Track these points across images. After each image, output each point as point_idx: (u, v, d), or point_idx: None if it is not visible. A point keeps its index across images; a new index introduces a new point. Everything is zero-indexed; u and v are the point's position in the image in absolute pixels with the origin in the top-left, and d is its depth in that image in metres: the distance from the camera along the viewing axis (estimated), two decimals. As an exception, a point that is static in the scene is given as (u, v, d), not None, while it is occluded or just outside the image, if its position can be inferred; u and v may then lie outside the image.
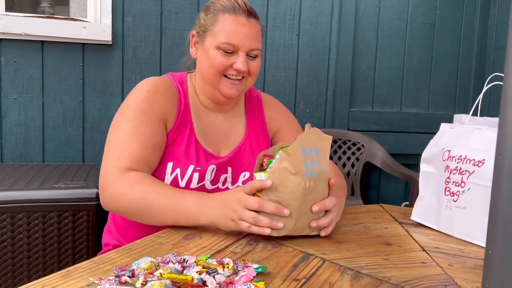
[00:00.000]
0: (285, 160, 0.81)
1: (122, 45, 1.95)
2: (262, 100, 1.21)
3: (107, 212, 1.10)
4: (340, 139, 2.26)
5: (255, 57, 1.06)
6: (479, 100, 0.95)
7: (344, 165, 2.25)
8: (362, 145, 2.26)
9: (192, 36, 1.09)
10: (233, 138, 1.13)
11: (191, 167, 1.01)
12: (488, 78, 0.94)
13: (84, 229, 1.47)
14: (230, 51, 1.02)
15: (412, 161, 2.20)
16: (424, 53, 2.41)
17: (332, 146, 2.24)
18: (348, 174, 2.25)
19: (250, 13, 1.04)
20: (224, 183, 1.07)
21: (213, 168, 1.05)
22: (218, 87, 1.05)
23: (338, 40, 2.26)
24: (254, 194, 0.84)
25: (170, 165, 1.01)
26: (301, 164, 0.81)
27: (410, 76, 2.40)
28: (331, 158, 2.24)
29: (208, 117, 1.11)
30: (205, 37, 1.04)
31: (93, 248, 1.48)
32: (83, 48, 1.90)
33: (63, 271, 0.65)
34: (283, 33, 2.18)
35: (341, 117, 2.31)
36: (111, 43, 1.91)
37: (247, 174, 1.09)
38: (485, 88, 0.94)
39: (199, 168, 1.02)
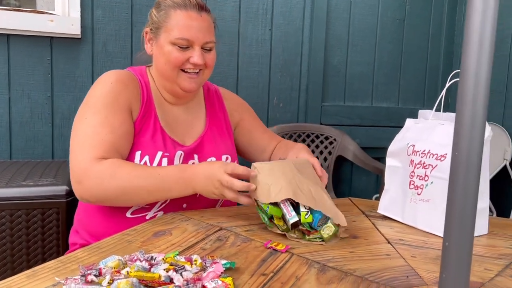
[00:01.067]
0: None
1: (91, 39, 1.91)
2: (221, 94, 1.28)
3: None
4: (312, 133, 2.29)
5: (210, 49, 1.09)
6: (442, 96, 0.98)
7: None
8: (334, 139, 2.29)
9: (146, 33, 1.12)
10: (195, 128, 1.17)
11: (159, 153, 1.04)
12: (450, 75, 0.97)
13: (54, 227, 1.45)
14: (185, 46, 1.05)
15: (382, 154, 2.23)
16: (394, 48, 2.46)
17: (305, 141, 2.27)
18: (320, 167, 2.28)
19: (201, 7, 1.07)
20: None
21: (181, 154, 1.08)
22: (177, 81, 1.08)
23: (310, 35, 2.28)
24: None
25: (138, 153, 1.03)
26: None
27: (381, 71, 2.45)
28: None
29: (171, 109, 1.15)
30: (158, 33, 1.07)
31: (63, 246, 1.46)
32: (51, 42, 1.85)
33: (28, 271, 0.64)
34: (256, 28, 2.19)
35: (313, 111, 2.33)
36: (80, 36, 1.87)
37: (213, 158, 1.14)
38: (447, 85, 0.97)
39: (167, 154, 1.05)
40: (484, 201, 0.92)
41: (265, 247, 0.79)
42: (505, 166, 2.14)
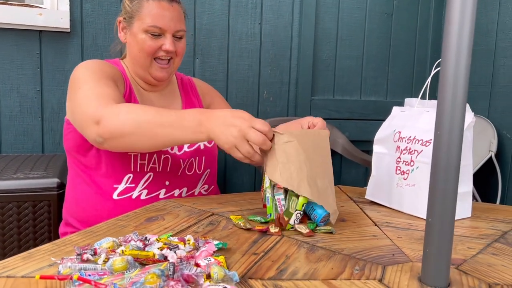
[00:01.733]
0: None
1: (81, 33, 1.90)
2: (194, 82, 1.36)
3: (68, 201, 1.11)
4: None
5: (181, 37, 1.16)
6: (427, 84, 1.01)
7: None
8: (324, 132, 2.31)
9: (119, 22, 1.18)
10: None
11: None
12: (435, 64, 0.99)
13: (45, 220, 1.45)
14: (157, 34, 1.11)
15: (371, 147, 2.27)
16: (382, 42, 2.49)
17: (295, 134, 2.29)
18: (310, 160, 2.30)
19: None
20: (172, 148, 1.15)
21: None
22: (149, 70, 1.14)
23: (299, 29, 2.30)
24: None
25: None
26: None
27: (369, 64, 2.48)
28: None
29: (147, 95, 1.21)
30: (132, 22, 1.13)
31: (55, 238, 1.45)
32: (40, 35, 1.85)
33: (24, 253, 0.65)
34: (246, 22, 2.20)
35: (303, 105, 2.35)
36: (69, 30, 1.87)
37: None
38: (432, 73, 1.00)
39: None
40: (467, 186, 0.95)
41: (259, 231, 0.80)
42: (490, 158, 2.19)
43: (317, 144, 0.89)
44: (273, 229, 0.79)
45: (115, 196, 1.06)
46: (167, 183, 1.10)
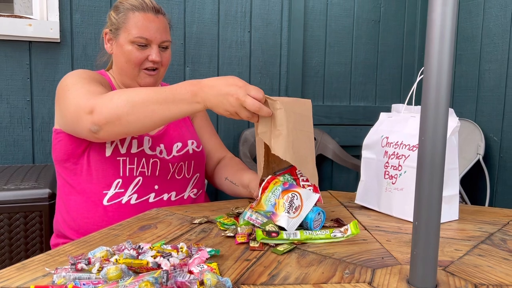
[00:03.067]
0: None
1: (71, 43, 1.91)
2: None
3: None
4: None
5: (166, 48, 1.18)
6: (413, 90, 1.03)
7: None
8: (314, 138, 2.33)
9: (105, 34, 1.20)
10: None
11: (128, 138, 1.10)
12: (420, 70, 1.02)
13: (37, 231, 1.45)
14: (143, 44, 1.13)
15: (361, 152, 2.30)
16: (370, 48, 2.53)
17: (286, 140, 2.31)
18: (301, 166, 2.32)
19: (157, 10, 1.16)
20: (160, 153, 1.16)
21: (149, 139, 1.15)
22: (137, 79, 1.16)
23: (288, 37, 2.33)
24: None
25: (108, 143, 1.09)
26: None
27: (358, 70, 2.51)
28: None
29: None
30: (118, 34, 1.15)
31: (47, 249, 1.46)
32: (30, 46, 1.85)
33: (18, 264, 0.66)
34: (235, 30, 2.22)
35: (293, 111, 2.37)
36: (59, 40, 1.87)
37: (179, 144, 1.21)
38: (418, 79, 1.02)
39: (136, 137, 1.11)
40: (454, 189, 0.98)
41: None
42: (478, 160, 2.23)
43: (302, 113, 0.94)
44: (253, 244, 0.77)
45: (105, 202, 1.07)
46: (156, 187, 1.12)
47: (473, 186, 2.34)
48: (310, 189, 0.90)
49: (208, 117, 1.43)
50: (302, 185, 0.93)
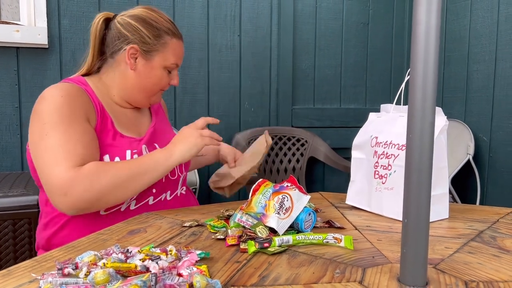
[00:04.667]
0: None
1: (59, 49, 1.90)
2: None
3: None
4: (284, 136, 2.34)
5: None
6: (402, 89, 1.03)
7: (289, 160, 2.33)
8: (306, 141, 2.34)
9: (131, 48, 1.10)
10: (144, 122, 1.23)
11: (128, 152, 1.07)
12: (408, 70, 1.03)
13: (26, 238, 1.43)
14: (171, 70, 1.17)
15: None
16: (359, 51, 2.54)
17: (277, 143, 2.31)
18: (293, 169, 2.33)
19: (182, 37, 1.19)
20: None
21: (145, 148, 1.13)
22: (151, 99, 1.19)
23: (278, 40, 2.33)
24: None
25: (106, 157, 1.04)
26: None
27: (348, 73, 2.52)
28: (276, 155, 2.30)
29: (122, 111, 1.19)
30: (152, 55, 1.12)
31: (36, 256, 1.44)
32: (17, 52, 1.84)
33: (3, 270, 0.65)
34: (225, 34, 2.22)
35: (284, 115, 2.38)
36: (47, 46, 1.86)
37: None
38: (405, 79, 1.02)
39: (136, 151, 1.09)
40: (444, 187, 0.98)
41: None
42: (468, 161, 2.24)
43: (255, 151, 1.32)
44: (243, 246, 0.76)
45: (102, 212, 1.03)
46: (154, 190, 1.10)
47: (463, 186, 2.35)
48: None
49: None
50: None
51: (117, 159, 1.04)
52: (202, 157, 1.44)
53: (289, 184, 0.92)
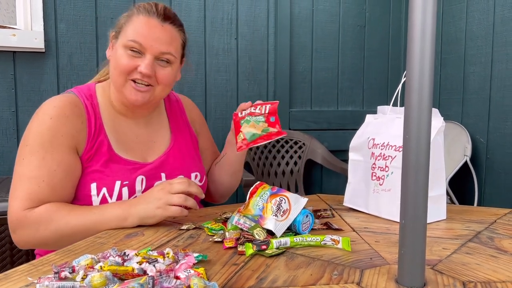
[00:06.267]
0: None
1: (56, 53, 1.90)
2: (182, 104, 1.23)
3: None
4: (282, 139, 2.34)
5: (167, 62, 1.02)
6: (398, 91, 1.04)
7: (287, 163, 2.33)
8: (303, 144, 2.35)
9: (111, 37, 1.06)
10: (159, 142, 1.11)
11: (118, 183, 0.99)
12: (405, 72, 1.03)
13: (23, 242, 1.42)
14: (137, 51, 0.98)
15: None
16: (356, 53, 2.55)
17: (275, 146, 2.31)
18: (291, 171, 2.32)
19: (167, 18, 1.01)
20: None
21: (142, 179, 1.03)
22: (122, 90, 1.00)
23: (275, 43, 2.34)
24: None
25: (93, 186, 0.98)
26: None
27: (345, 75, 2.53)
28: (274, 158, 2.30)
29: (128, 125, 1.07)
30: (118, 37, 1.02)
31: (34, 261, 1.43)
32: (14, 56, 1.84)
33: (0, 275, 0.64)
34: (222, 37, 2.23)
35: (282, 117, 2.38)
36: (44, 50, 1.86)
37: (182, 176, 1.08)
38: (402, 80, 1.03)
39: (127, 182, 1.00)
40: (441, 188, 0.98)
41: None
42: (466, 162, 2.25)
43: None
44: (241, 248, 0.76)
45: None
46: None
47: (461, 187, 2.36)
48: (296, 195, 0.89)
49: (208, 130, 1.31)
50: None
51: (104, 190, 0.98)
52: (224, 160, 1.20)
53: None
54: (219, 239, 0.81)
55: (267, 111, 1.05)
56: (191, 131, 1.20)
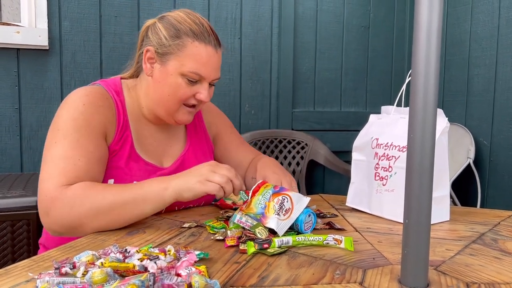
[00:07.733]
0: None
1: (60, 50, 1.90)
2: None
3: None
4: (284, 139, 2.33)
5: (213, 84, 1.04)
6: (402, 91, 1.03)
7: (289, 164, 2.32)
8: (306, 144, 2.34)
9: (147, 51, 1.00)
10: (174, 147, 1.11)
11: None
12: (409, 72, 1.02)
13: (24, 239, 1.42)
14: (195, 80, 0.98)
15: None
16: (360, 54, 2.54)
17: (277, 146, 2.31)
18: (293, 172, 2.32)
19: (219, 43, 1.01)
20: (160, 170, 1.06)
21: None
22: (174, 114, 1.01)
23: (279, 43, 2.33)
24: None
25: (111, 182, 0.97)
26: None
27: (348, 76, 2.52)
28: (277, 158, 2.30)
29: (149, 129, 1.08)
30: (167, 59, 0.97)
31: (35, 258, 1.43)
32: (18, 53, 1.84)
33: (1, 270, 0.64)
34: (226, 37, 2.22)
35: (285, 117, 2.38)
36: (48, 48, 1.86)
37: None
38: (406, 80, 1.02)
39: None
40: (444, 189, 0.97)
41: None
42: (469, 165, 2.24)
43: None
44: (243, 246, 0.76)
45: None
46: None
47: (464, 190, 2.35)
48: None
49: (230, 125, 1.28)
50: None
51: None
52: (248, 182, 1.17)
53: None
54: (221, 237, 0.80)
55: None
56: (206, 135, 1.20)
